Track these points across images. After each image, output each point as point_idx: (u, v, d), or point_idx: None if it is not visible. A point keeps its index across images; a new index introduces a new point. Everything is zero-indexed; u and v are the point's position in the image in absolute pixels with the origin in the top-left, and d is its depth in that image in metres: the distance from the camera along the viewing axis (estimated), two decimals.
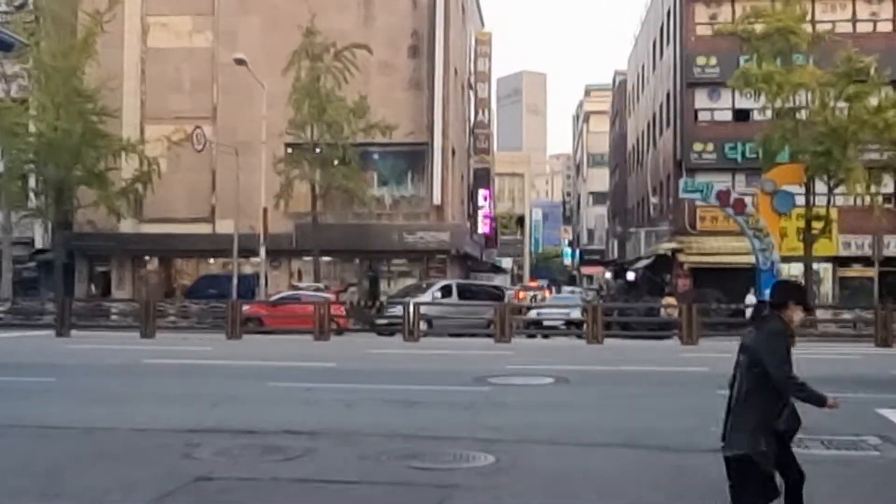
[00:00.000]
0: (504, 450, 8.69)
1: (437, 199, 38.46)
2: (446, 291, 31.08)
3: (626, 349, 22.03)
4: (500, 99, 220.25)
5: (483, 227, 49.37)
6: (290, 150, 36.17)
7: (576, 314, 29.06)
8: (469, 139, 48.23)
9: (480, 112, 49.31)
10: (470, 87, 48.68)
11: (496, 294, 33.36)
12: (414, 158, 39.62)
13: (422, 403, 11.88)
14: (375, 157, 39.68)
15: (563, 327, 28.85)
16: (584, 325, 24.62)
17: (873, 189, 31.16)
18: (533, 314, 30.38)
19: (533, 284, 70.06)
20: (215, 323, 27.48)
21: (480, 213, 48.77)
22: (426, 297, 29.49)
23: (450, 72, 39.68)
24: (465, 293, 31.72)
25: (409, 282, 37.70)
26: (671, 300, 30.97)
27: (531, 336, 26.64)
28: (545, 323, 29.42)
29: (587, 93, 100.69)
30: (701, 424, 10.26)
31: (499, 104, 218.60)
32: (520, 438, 9.40)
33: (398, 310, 26.40)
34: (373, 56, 36.03)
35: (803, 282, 32.52)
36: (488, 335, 24.47)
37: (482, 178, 49.64)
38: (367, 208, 37.65)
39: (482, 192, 49.11)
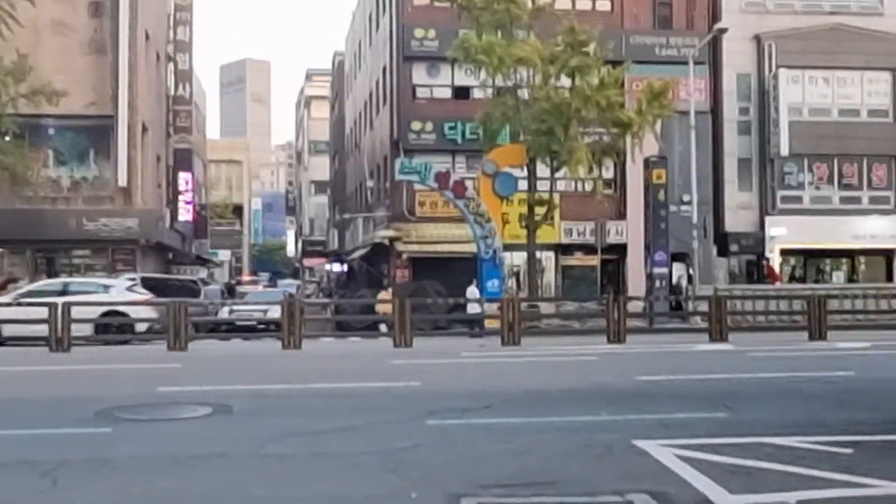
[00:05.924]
0: None
1: (122, 181, 33.35)
2: None
3: (326, 356, 18.47)
4: (222, 87, 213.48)
5: (186, 215, 44.34)
6: None
7: (275, 313, 25.19)
8: (167, 116, 43.11)
9: (181, 86, 44.14)
10: (169, 58, 43.53)
11: (194, 289, 29.38)
12: (97, 134, 34.24)
13: None
14: (51, 131, 34.09)
15: (262, 327, 25.09)
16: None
17: (595, 173, 29.86)
18: (225, 312, 26.36)
19: (247, 278, 65.72)
20: None
21: (182, 199, 43.71)
22: None
23: (138, 35, 34.58)
24: (155, 290, 27.17)
25: (98, 275, 32.55)
26: (386, 295, 28.15)
27: (224, 339, 22.45)
28: (239, 323, 25.51)
29: (308, 77, 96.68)
30: (401, 486, 6.88)
31: (222, 92, 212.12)
32: None
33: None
34: (39, 10, 30.50)
35: (527, 271, 30.80)
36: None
37: (184, 160, 44.50)
38: (36, 191, 32.12)
39: (184, 176, 44.00)
